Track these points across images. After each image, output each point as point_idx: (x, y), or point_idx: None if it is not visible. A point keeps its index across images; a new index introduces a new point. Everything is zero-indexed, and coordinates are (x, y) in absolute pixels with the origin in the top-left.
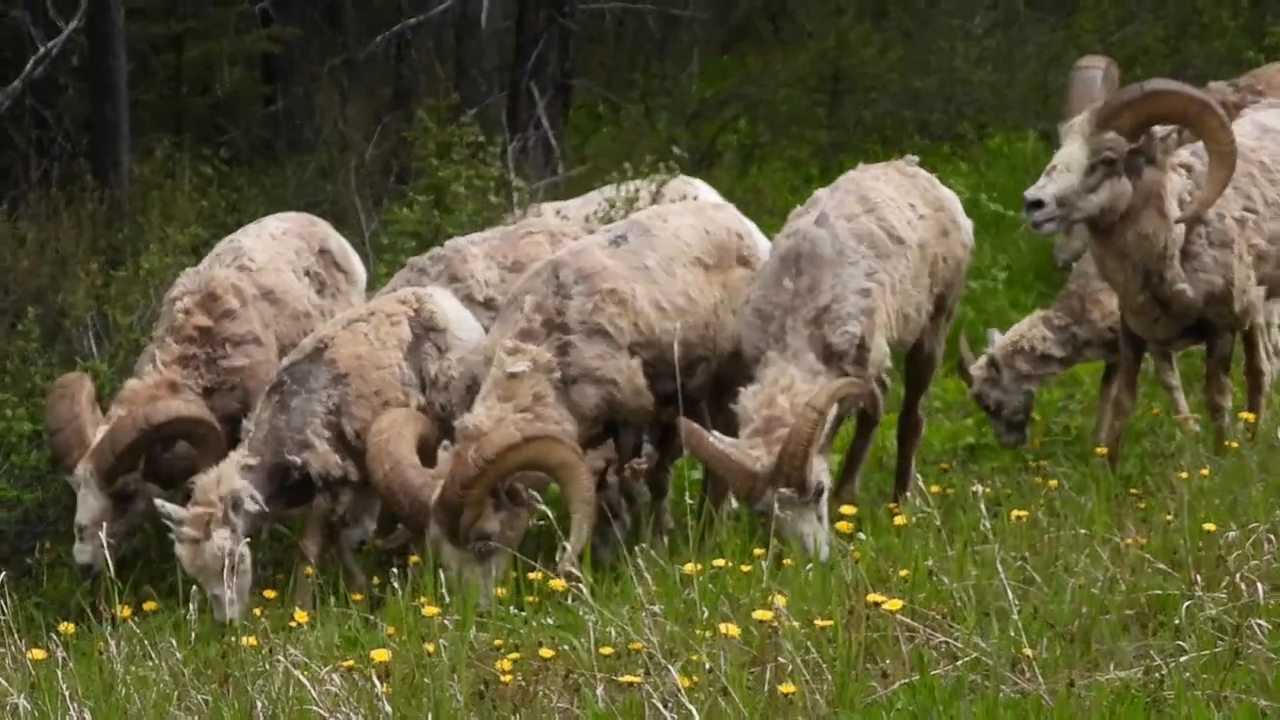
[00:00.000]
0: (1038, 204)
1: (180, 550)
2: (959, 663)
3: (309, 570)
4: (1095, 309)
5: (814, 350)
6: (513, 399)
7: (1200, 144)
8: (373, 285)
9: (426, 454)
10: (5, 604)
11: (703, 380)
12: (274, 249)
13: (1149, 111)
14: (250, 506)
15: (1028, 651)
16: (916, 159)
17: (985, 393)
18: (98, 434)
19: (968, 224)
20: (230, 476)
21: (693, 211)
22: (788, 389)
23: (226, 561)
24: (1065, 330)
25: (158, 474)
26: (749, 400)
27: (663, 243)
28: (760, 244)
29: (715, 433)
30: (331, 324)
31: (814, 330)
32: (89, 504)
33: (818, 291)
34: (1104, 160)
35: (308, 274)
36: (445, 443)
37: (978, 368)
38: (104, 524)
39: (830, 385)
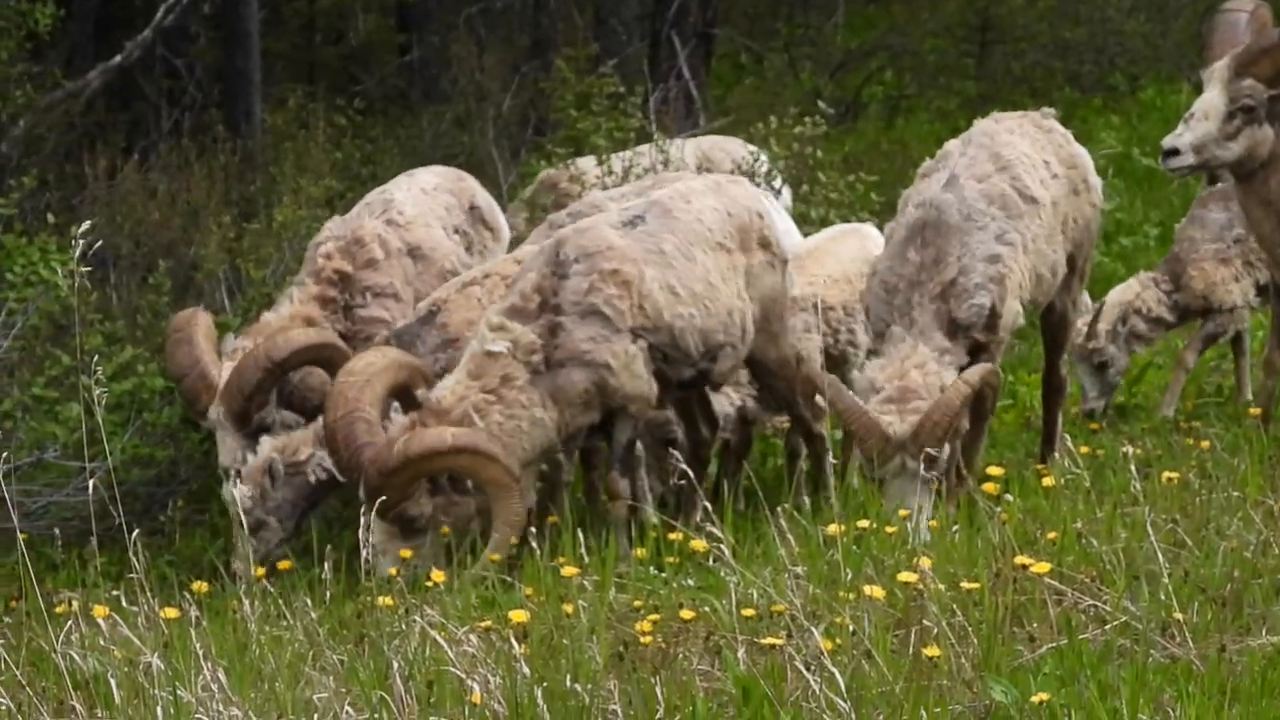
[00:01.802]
0: (1174, 152)
1: None
2: (1108, 627)
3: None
4: (1198, 275)
5: (940, 326)
6: (481, 378)
7: None
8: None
9: (408, 402)
10: (138, 562)
11: (729, 365)
12: (425, 204)
13: None
14: (314, 477)
15: (1178, 616)
16: (1054, 111)
17: (1104, 347)
18: (223, 372)
19: (1098, 183)
20: (299, 445)
21: (713, 190)
22: (920, 365)
23: (238, 516)
24: (1170, 295)
25: (292, 403)
26: (877, 372)
27: (683, 226)
28: (778, 225)
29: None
30: (447, 286)
31: (940, 305)
32: (228, 445)
33: (943, 264)
34: (1243, 108)
35: (457, 231)
36: (396, 405)
37: (1107, 322)
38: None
39: (983, 366)
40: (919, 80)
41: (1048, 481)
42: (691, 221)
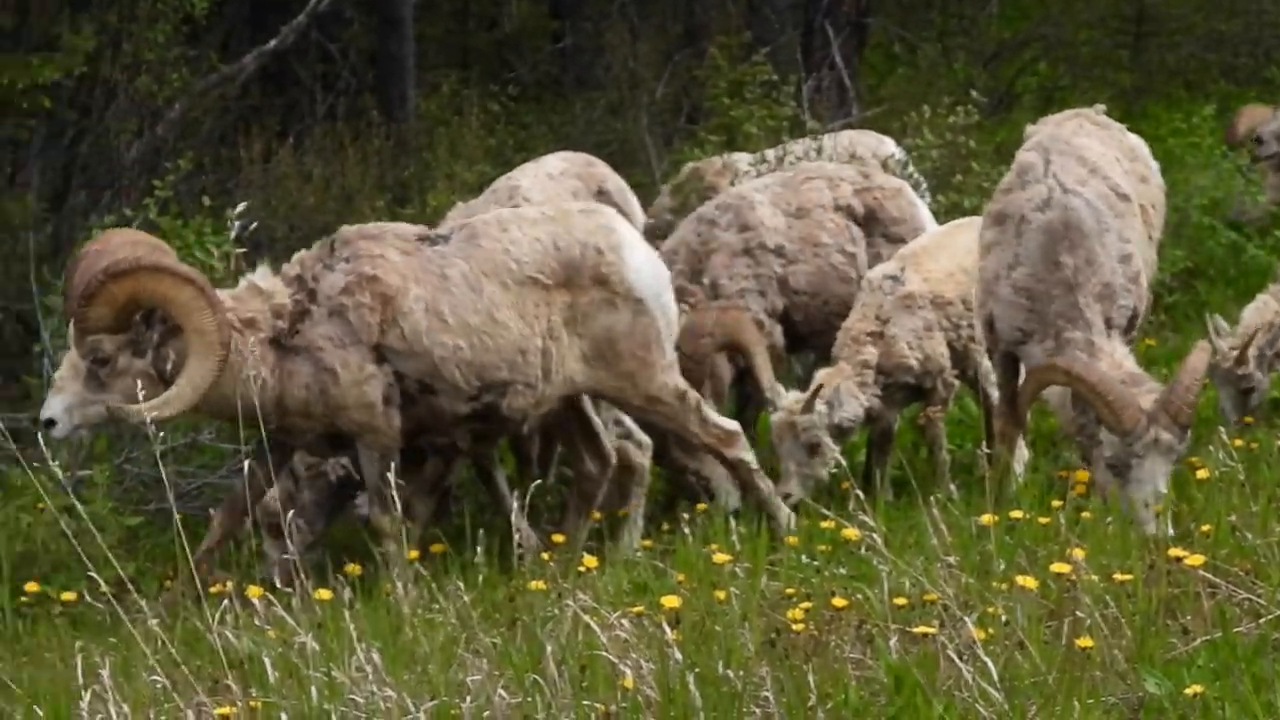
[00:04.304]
0: (1258, 140)
1: None
2: (1262, 620)
3: (596, 515)
4: None
5: (1107, 327)
6: (240, 303)
7: None
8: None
9: None
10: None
11: (525, 404)
12: (551, 189)
13: None
14: (334, 476)
15: None
16: (1104, 108)
17: (1252, 373)
18: None
19: (1156, 166)
20: None
21: (550, 219)
22: (1127, 356)
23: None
24: None
25: None
26: None
27: (484, 255)
28: (630, 260)
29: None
30: None
31: (1100, 305)
32: None
33: (1095, 265)
34: None
35: None
36: None
37: (1256, 346)
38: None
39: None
40: (1073, 72)
41: (1202, 474)
42: (496, 251)
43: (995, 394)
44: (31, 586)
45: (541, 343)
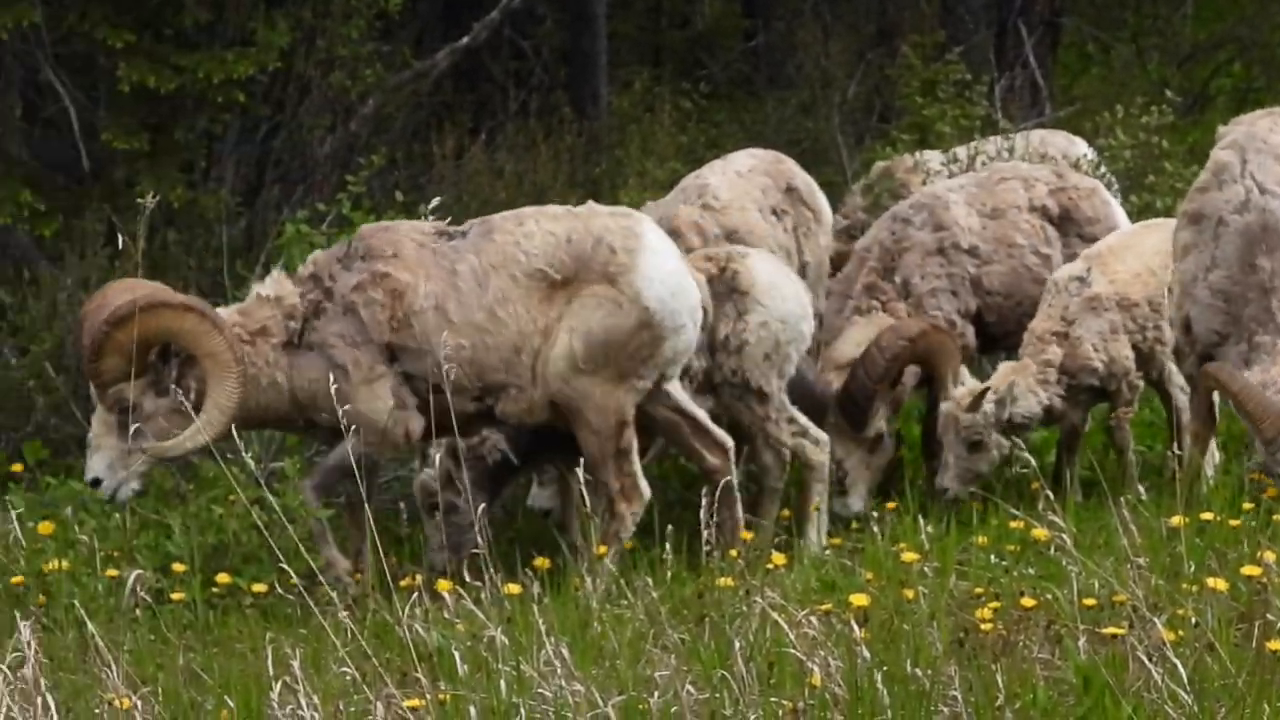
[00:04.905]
0: None
1: None
2: None
3: (786, 513)
4: None
5: None
6: (247, 317)
7: None
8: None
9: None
10: (481, 538)
11: (518, 408)
12: (740, 187)
13: None
14: (490, 459)
15: None
16: None
17: None
18: None
19: None
20: None
21: (570, 215)
22: None
23: (424, 502)
24: None
25: None
26: (1262, 374)
27: (495, 249)
28: (644, 266)
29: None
30: None
31: None
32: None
33: None
34: None
35: (774, 213)
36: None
37: None
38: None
39: None
40: (1268, 73)
41: None
42: (508, 244)
43: (1180, 396)
44: (223, 578)
45: (537, 342)
